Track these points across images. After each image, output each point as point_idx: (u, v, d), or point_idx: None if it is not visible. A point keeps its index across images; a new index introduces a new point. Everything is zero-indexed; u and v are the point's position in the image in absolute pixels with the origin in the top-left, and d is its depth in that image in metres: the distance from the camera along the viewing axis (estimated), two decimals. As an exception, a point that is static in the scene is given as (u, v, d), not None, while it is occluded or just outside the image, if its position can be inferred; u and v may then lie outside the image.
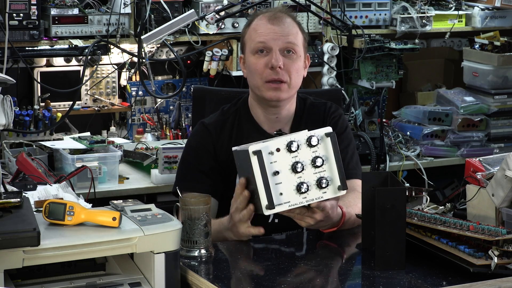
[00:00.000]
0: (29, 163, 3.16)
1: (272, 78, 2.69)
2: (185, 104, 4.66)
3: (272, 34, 2.70)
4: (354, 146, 2.87)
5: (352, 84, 4.80)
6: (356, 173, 2.79)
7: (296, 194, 2.34)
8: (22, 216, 2.13)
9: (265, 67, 2.70)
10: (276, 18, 2.72)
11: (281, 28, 2.71)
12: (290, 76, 2.70)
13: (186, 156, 2.81)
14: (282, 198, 2.33)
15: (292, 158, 2.34)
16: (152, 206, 2.31)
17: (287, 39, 2.70)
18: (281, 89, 2.71)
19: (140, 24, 4.17)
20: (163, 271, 2.19)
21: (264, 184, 2.32)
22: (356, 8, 4.72)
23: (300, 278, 2.26)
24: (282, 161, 2.34)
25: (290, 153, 2.34)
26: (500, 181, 2.50)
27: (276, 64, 2.67)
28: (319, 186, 2.36)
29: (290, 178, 2.34)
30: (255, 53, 2.72)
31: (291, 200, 2.34)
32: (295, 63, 2.72)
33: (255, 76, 2.72)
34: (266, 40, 2.70)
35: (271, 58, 2.69)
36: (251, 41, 2.74)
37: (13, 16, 3.96)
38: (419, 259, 2.31)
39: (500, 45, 4.66)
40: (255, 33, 2.72)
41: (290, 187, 2.34)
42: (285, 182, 2.34)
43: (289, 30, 2.72)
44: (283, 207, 2.34)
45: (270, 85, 2.70)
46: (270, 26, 2.71)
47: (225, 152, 2.75)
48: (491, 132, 4.67)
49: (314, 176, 2.36)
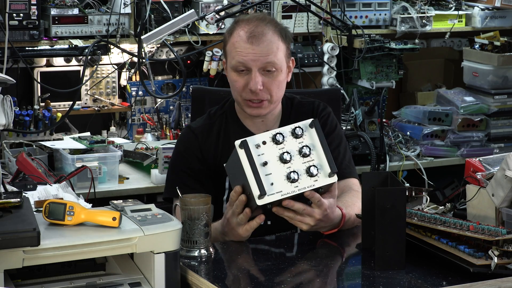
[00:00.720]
0: (29, 163, 3.16)
1: (252, 98, 2.67)
2: (185, 104, 4.66)
3: (252, 54, 2.64)
4: (345, 144, 2.85)
5: (352, 84, 4.80)
6: (350, 172, 2.77)
7: (288, 184, 2.34)
8: (22, 216, 2.13)
9: (244, 87, 2.67)
10: (255, 36, 2.64)
11: (260, 48, 2.64)
12: (270, 93, 2.67)
13: (175, 161, 2.80)
14: (273, 187, 2.33)
15: (279, 150, 2.36)
16: (152, 206, 2.31)
17: (266, 59, 2.64)
18: (262, 107, 2.69)
19: (140, 24, 4.17)
20: (163, 271, 2.19)
21: (254, 173, 2.32)
22: (356, 8, 4.72)
23: (300, 278, 2.26)
24: (269, 153, 2.35)
25: (277, 144, 2.36)
26: (500, 181, 2.50)
27: (254, 88, 2.64)
28: (309, 175, 2.36)
29: (280, 168, 2.34)
30: (235, 70, 2.68)
31: (282, 189, 2.34)
32: (276, 79, 2.67)
33: (235, 92, 2.71)
34: (245, 61, 2.64)
35: (250, 79, 2.64)
36: (231, 57, 2.69)
37: (13, 16, 3.96)
38: (419, 259, 2.31)
39: (500, 45, 4.66)
40: (235, 51, 2.67)
41: (281, 177, 2.34)
42: (275, 173, 2.34)
43: (268, 49, 2.64)
44: (275, 196, 2.33)
45: (249, 103, 2.68)
46: (249, 46, 2.64)
47: (212, 155, 2.75)
48: (491, 132, 4.68)
49: (303, 165, 2.36)
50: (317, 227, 2.46)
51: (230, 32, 2.72)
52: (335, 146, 2.75)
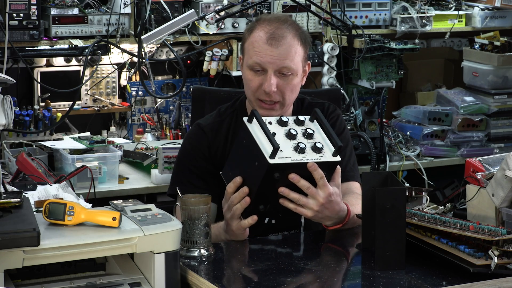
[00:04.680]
0: (29, 163, 3.16)
1: (264, 99, 2.68)
2: (185, 104, 4.66)
3: (269, 56, 2.63)
4: (351, 148, 2.86)
5: (352, 84, 4.80)
6: (354, 176, 2.78)
7: (295, 153, 2.41)
8: (22, 216, 2.13)
9: (258, 87, 2.66)
10: (275, 38, 2.63)
11: (278, 51, 2.63)
12: (283, 96, 2.67)
13: (181, 158, 2.80)
14: (282, 153, 2.40)
15: (284, 130, 2.47)
16: (152, 206, 2.31)
17: (283, 64, 2.64)
18: (273, 109, 2.69)
19: (140, 24, 4.17)
20: (163, 271, 2.19)
21: (266, 133, 2.41)
22: (356, 8, 4.72)
23: (300, 278, 2.26)
24: (276, 130, 2.46)
25: (282, 126, 2.47)
26: (500, 181, 2.50)
27: (268, 89, 2.64)
28: (315, 150, 2.43)
29: (287, 142, 2.43)
30: (251, 69, 2.68)
31: (291, 156, 2.41)
32: (290, 83, 2.67)
33: (249, 91, 2.70)
34: (262, 62, 2.64)
35: (265, 80, 2.64)
36: (248, 56, 2.68)
37: (13, 16, 3.96)
38: (419, 259, 2.31)
39: (500, 45, 4.66)
40: (253, 50, 2.66)
41: (289, 148, 2.42)
42: (282, 145, 2.41)
43: (287, 53, 2.64)
44: (285, 160, 2.39)
45: (262, 104, 2.68)
46: (268, 47, 2.63)
47: (221, 153, 2.75)
48: (491, 132, 4.68)
49: (309, 143, 2.45)
50: (321, 216, 2.45)
51: (250, 30, 2.72)
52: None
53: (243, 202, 2.43)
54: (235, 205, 2.44)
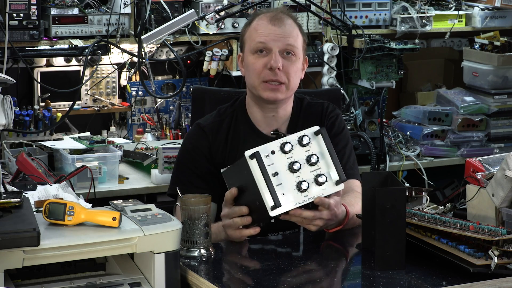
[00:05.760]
0: (29, 163, 3.16)
1: (270, 79, 2.69)
2: (185, 104, 4.66)
3: (273, 35, 2.69)
4: (351, 146, 2.87)
5: (352, 84, 4.80)
6: (354, 174, 2.79)
7: (298, 193, 2.36)
8: (22, 216, 2.13)
9: (263, 67, 2.69)
10: (277, 19, 2.71)
11: (281, 30, 2.70)
12: (288, 77, 2.70)
13: (182, 159, 2.80)
14: (285, 198, 2.35)
15: (287, 159, 2.38)
16: (152, 206, 2.31)
17: (287, 41, 2.69)
18: (279, 90, 2.70)
19: (140, 24, 4.17)
20: (163, 271, 2.20)
21: (268, 183, 2.33)
22: (356, 8, 4.72)
23: (300, 278, 2.26)
24: (278, 162, 2.37)
25: (285, 154, 2.38)
26: (500, 181, 2.50)
27: (275, 65, 2.67)
28: (317, 183, 2.39)
29: (289, 178, 2.37)
30: (254, 53, 2.71)
31: (294, 199, 2.36)
32: (294, 65, 2.71)
33: (253, 75, 2.72)
34: (266, 41, 2.69)
35: (270, 59, 2.68)
36: (251, 41, 2.72)
37: (13, 16, 3.95)
38: (419, 259, 2.31)
39: (500, 45, 4.65)
40: (256, 33, 2.71)
41: (291, 187, 2.36)
42: (285, 183, 2.36)
43: (290, 32, 2.71)
44: (288, 206, 2.36)
45: (267, 85, 2.70)
46: (271, 26, 2.70)
47: (221, 154, 2.75)
48: (491, 132, 4.67)
49: (312, 174, 2.39)
50: (324, 226, 2.48)
51: (248, 23, 2.78)
52: (341, 148, 2.76)
53: (244, 220, 2.45)
54: (235, 218, 2.46)
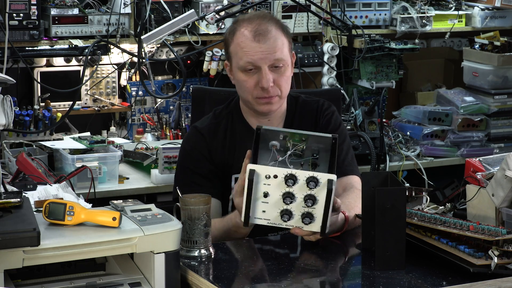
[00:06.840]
0: (29, 163, 3.16)
1: (263, 96, 2.69)
2: (185, 104, 4.66)
3: (259, 53, 2.65)
4: (349, 142, 2.87)
5: (352, 84, 4.80)
6: (352, 170, 2.78)
7: (278, 217, 2.35)
8: (22, 216, 2.13)
9: (255, 86, 2.68)
10: (260, 34, 2.65)
11: (267, 46, 2.65)
12: (281, 89, 2.70)
13: (183, 162, 2.80)
14: (263, 215, 2.35)
15: (286, 189, 2.33)
16: (152, 206, 2.31)
17: (274, 56, 2.66)
18: (273, 103, 2.71)
19: (140, 24, 4.17)
20: (163, 271, 2.19)
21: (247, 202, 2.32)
22: (356, 8, 4.72)
23: (300, 278, 2.25)
24: (275, 187, 2.33)
25: (286, 185, 2.33)
26: (500, 181, 2.50)
27: (267, 85, 2.65)
28: (301, 220, 2.35)
29: (278, 204, 2.34)
30: (243, 71, 2.69)
31: (271, 219, 2.35)
32: (284, 75, 2.69)
33: (246, 92, 2.71)
34: (254, 60, 2.65)
35: (261, 77, 2.66)
36: (238, 58, 2.69)
37: (13, 16, 3.96)
38: (419, 259, 2.31)
39: (500, 45, 4.66)
40: (241, 51, 2.67)
41: (274, 211, 2.35)
42: (271, 205, 2.34)
43: (275, 46, 2.66)
44: (261, 221, 2.36)
45: (261, 101, 2.70)
46: (256, 44, 2.65)
47: (219, 154, 2.76)
48: (491, 132, 4.67)
49: (299, 211, 2.35)
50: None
51: (232, 32, 2.72)
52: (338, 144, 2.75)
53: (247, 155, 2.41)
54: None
